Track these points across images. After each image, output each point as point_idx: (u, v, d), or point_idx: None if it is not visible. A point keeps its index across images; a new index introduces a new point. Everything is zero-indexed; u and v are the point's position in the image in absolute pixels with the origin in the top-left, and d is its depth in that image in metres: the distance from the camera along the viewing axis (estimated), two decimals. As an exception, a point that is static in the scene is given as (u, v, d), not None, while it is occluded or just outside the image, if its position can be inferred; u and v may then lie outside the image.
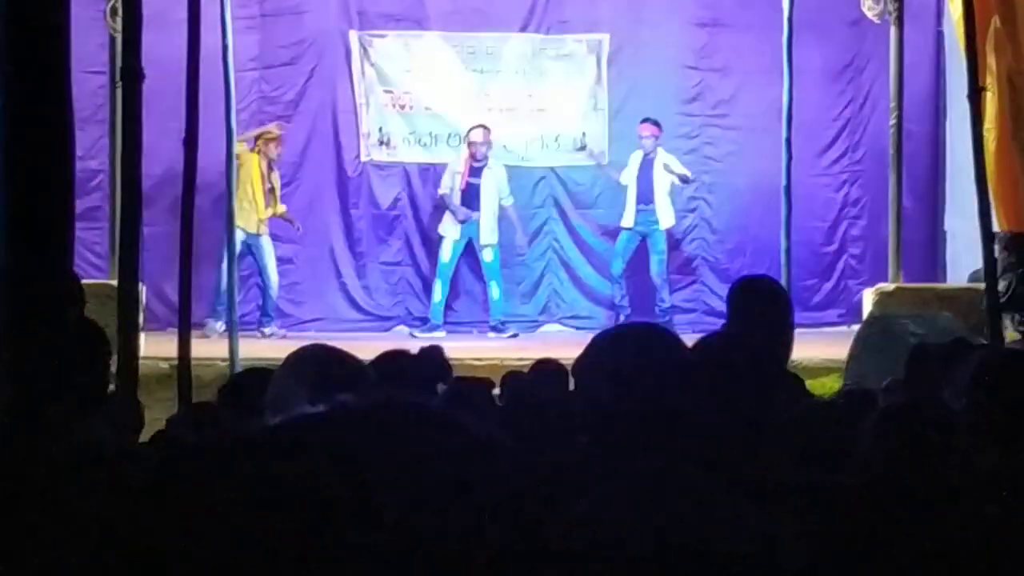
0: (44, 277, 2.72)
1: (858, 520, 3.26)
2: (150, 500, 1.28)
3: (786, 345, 5.08)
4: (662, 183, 13.78)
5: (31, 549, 1.63)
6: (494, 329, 13.89)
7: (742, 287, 5.41)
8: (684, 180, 13.83)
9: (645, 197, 13.76)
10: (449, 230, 13.86)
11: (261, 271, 13.53)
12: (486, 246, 13.75)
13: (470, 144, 13.71)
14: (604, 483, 2.68)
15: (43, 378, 2.59)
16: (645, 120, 13.86)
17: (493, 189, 13.71)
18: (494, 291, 13.92)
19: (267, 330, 13.43)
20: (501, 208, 13.81)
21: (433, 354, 5.55)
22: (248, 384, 5.15)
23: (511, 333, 13.84)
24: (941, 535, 3.18)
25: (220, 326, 12.80)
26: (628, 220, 13.88)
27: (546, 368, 6.18)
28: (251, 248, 13.35)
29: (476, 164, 13.67)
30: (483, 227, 13.70)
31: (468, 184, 13.67)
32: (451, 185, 13.76)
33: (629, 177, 13.88)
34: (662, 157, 13.80)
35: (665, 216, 13.85)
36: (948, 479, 3.31)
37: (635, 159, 13.87)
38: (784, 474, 3.45)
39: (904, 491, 3.27)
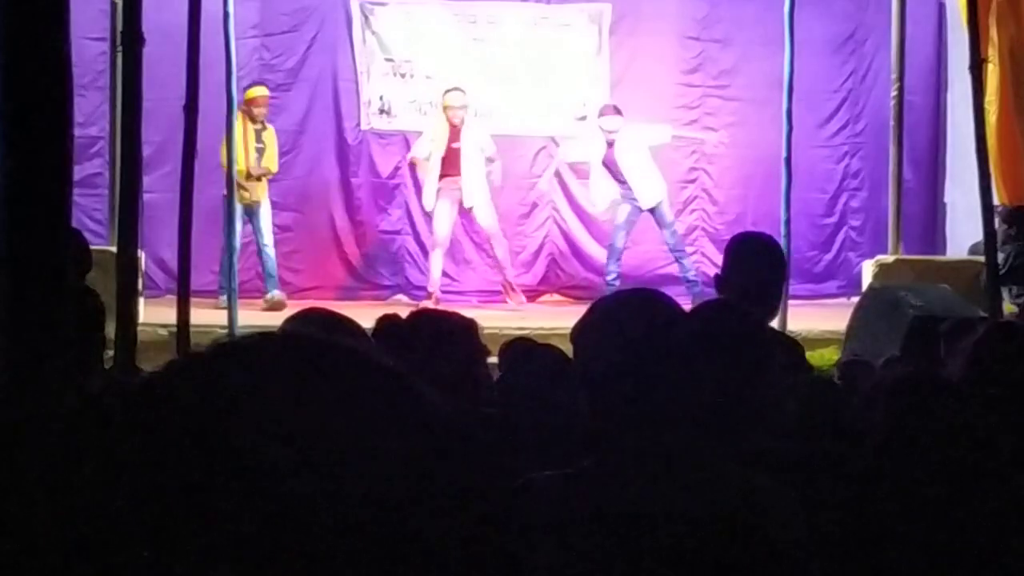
0: (42, 244, 2.72)
1: (858, 490, 3.27)
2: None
3: (774, 308, 5.19)
4: (633, 160, 13.28)
5: (29, 512, 1.63)
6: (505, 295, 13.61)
7: (743, 240, 5.52)
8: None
9: (617, 178, 13.34)
10: (432, 200, 13.45)
11: (257, 233, 13.28)
12: (471, 207, 13.38)
13: (447, 109, 13.28)
14: (598, 449, 2.69)
15: (40, 343, 2.60)
16: (604, 111, 13.38)
17: (475, 150, 13.29)
18: (499, 251, 13.65)
19: (271, 296, 13.17)
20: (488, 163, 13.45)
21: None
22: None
23: (518, 300, 13.56)
24: (941, 504, 3.19)
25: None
26: (602, 202, 13.55)
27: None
28: (250, 213, 13.20)
29: (455, 127, 13.25)
30: (464, 189, 13.28)
31: (449, 149, 13.22)
32: (427, 153, 13.34)
33: (588, 156, 13.50)
34: (630, 137, 13.31)
35: (648, 191, 13.34)
36: (949, 450, 3.32)
37: (595, 141, 13.42)
38: (781, 443, 3.45)
39: (905, 462, 3.28)
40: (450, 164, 13.26)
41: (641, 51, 14.57)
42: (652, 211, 13.43)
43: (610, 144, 13.29)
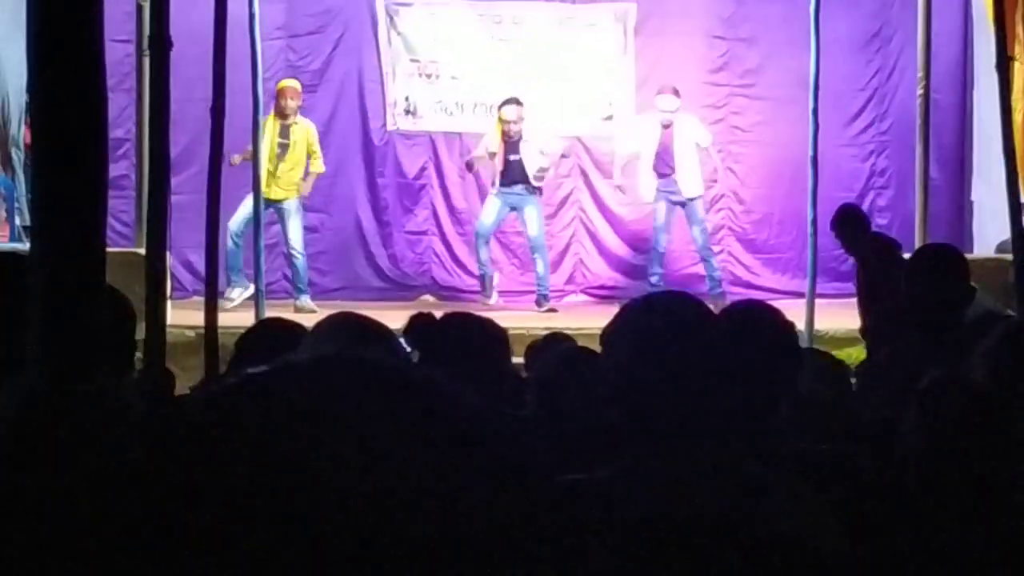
0: (77, 248, 2.73)
1: (892, 496, 3.26)
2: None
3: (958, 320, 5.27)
4: (685, 152, 13.43)
5: (53, 516, 1.64)
6: (537, 303, 13.51)
7: (924, 253, 5.71)
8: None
9: (663, 169, 13.43)
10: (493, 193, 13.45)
11: (284, 238, 13.18)
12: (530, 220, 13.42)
13: (503, 122, 13.24)
14: (626, 452, 2.69)
15: (73, 347, 2.61)
16: (662, 90, 13.52)
17: (533, 162, 13.27)
18: (540, 265, 13.58)
19: (299, 303, 12.94)
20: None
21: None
22: (274, 333, 5.20)
23: (546, 308, 13.44)
24: (978, 508, 3.18)
25: (237, 293, 12.72)
26: (647, 193, 13.56)
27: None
28: (277, 214, 13.09)
29: (511, 140, 13.19)
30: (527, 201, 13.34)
31: (508, 162, 13.18)
32: (488, 152, 13.36)
33: (640, 146, 13.53)
34: (685, 124, 13.52)
35: (691, 182, 13.46)
36: (984, 452, 3.31)
37: (647, 127, 13.53)
38: (810, 445, 3.45)
39: (942, 466, 3.27)
40: (509, 177, 13.24)
41: (667, 50, 14.55)
42: (684, 206, 13.44)
43: (666, 126, 13.35)
